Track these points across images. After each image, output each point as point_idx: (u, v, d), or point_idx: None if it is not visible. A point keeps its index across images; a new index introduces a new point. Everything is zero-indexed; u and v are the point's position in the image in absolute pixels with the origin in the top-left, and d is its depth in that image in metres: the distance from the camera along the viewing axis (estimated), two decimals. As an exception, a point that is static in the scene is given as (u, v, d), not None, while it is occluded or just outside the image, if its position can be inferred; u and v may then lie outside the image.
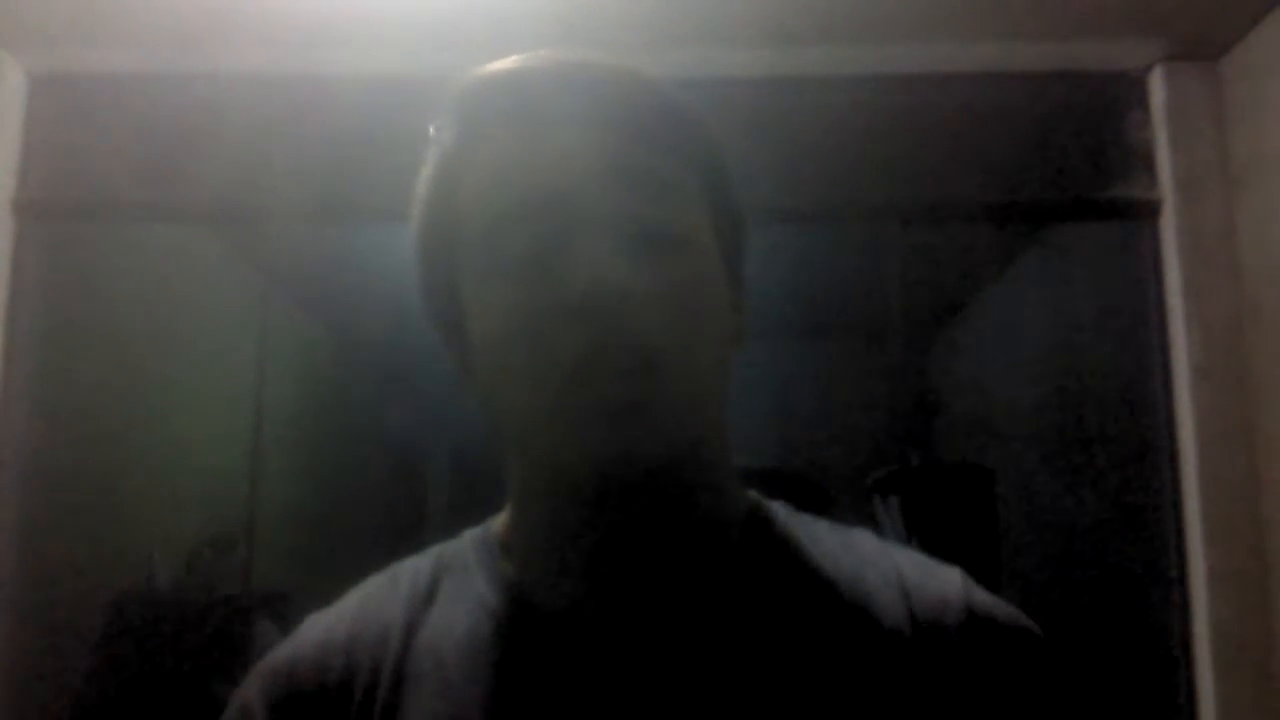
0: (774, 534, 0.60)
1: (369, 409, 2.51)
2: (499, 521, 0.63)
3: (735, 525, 0.60)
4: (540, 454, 0.55)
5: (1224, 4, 1.71)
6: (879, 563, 0.58)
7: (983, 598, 0.57)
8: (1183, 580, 1.77)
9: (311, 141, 1.92)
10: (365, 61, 1.85)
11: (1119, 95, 1.92)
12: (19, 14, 1.76)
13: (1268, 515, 1.71)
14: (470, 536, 0.63)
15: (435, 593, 0.59)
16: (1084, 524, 2.11)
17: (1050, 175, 1.93)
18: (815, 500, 0.65)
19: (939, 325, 2.58)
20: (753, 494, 0.63)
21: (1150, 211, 1.87)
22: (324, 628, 0.59)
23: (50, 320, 1.96)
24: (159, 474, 2.09)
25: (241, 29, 1.76)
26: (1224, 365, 1.77)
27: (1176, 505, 1.80)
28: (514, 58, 0.57)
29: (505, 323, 0.53)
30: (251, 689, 0.58)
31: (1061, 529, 2.18)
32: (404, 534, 2.51)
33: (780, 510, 0.63)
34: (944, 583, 0.58)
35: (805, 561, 0.58)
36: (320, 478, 2.51)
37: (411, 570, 0.62)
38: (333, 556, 2.35)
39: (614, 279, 0.50)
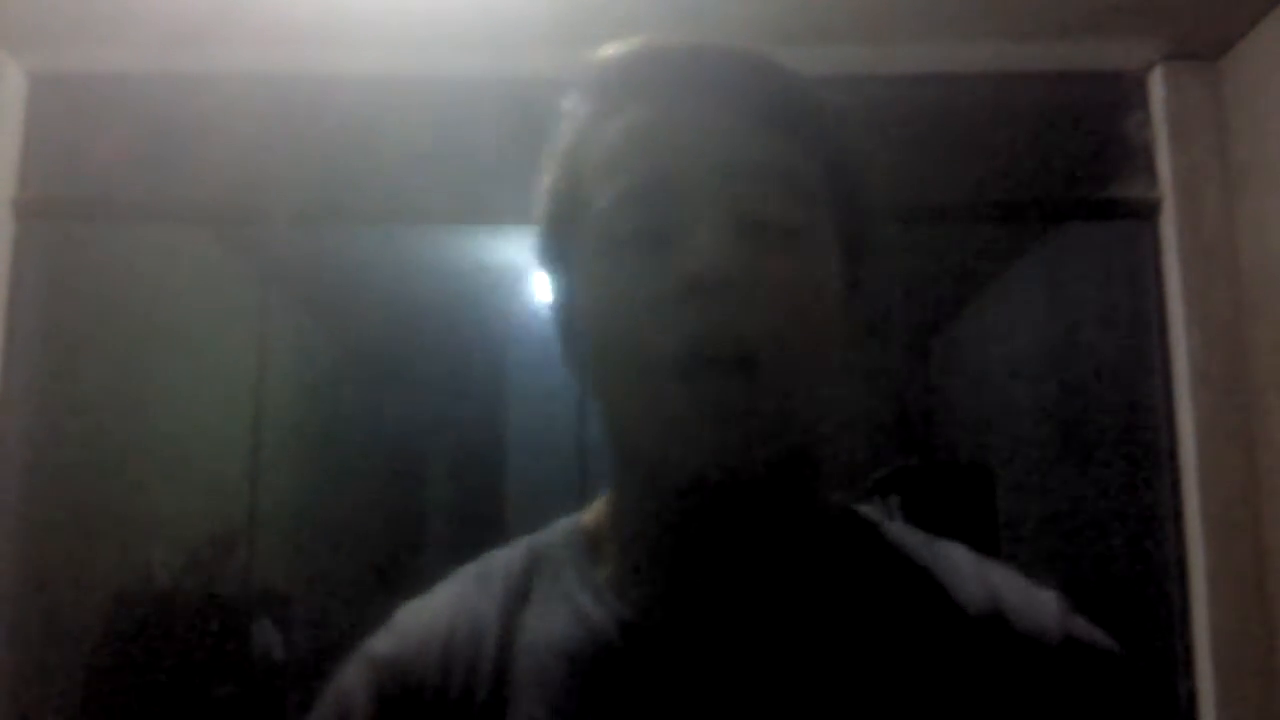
0: (877, 543, 0.59)
1: (369, 409, 2.51)
2: (590, 514, 0.62)
3: (835, 531, 0.58)
4: (638, 446, 0.55)
5: (1224, 4, 1.71)
6: (974, 579, 0.58)
7: (1081, 624, 0.57)
8: (1183, 580, 1.77)
9: (311, 141, 1.92)
10: (365, 61, 1.85)
11: (1119, 95, 1.92)
12: (19, 14, 1.76)
13: (1268, 515, 1.71)
14: (561, 530, 0.62)
15: (529, 591, 0.58)
16: (1084, 524, 2.11)
17: (1050, 175, 1.93)
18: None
19: (939, 325, 2.58)
20: (845, 497, 0.62)
21: (1150, 211, 1.87)
22: (423, 621, 0.58)
23: (50, 320, 1.96)
24: (159, 474, 2.09)
25: (241, 29, 1.76)
26: (1224, 366, 1.77)
27: (1176, 505, 1.80)
28: (648, 36, 0.58)
29: (613, 303, 0.53)
30: (352, 678, 0.57)
31: (1061, 529, 2.18)
32: (404, 534, 2.51)
33: (876, 515, 0.61)
34: (1042, 605, 0.57)
35: (907, 572, 0.57)
36: (320, 478, 2.51)
37: (503, 565, 0.60)
38: (333, 556, 2.35)
39: (722, 267, 0.50)
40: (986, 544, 2.00)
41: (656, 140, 0.54)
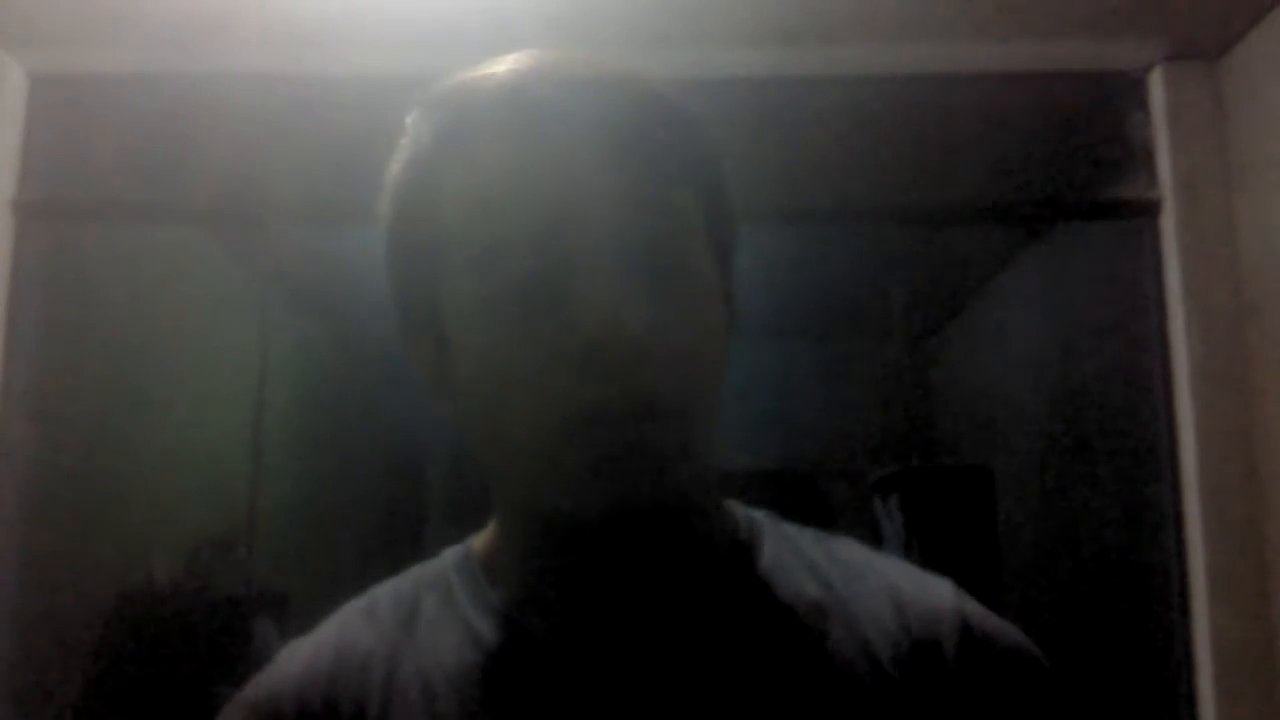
0: (760, 558, 0.59)
1: (369, 409, 2.51)
2: (480, 540, 0.62)
3: (721, 548, 0.59)
4: (531, 495, 0.54)
5: (1224, 4, 1.71)
6: (869, 576, 0.58)
7: (975, 609, 0.57)
8: (1183, 582, 1.77)
9: (311, 141, 1.92)
10: (365, 61, 1.85)
11: (1119, 95, 1.92)
12: (19, 14, 1.76)
13: (1268, 515, 1.71)
14: (452, 556, 0.61)
15: (416, 616, 0.58)
16: (1084, 525, 2.11)
17: (1050, 175, 1.93)
18: (815, 501, 0.64)
19: (939, 325, 2.58)
20: (737, 507, 0.62)
21: (1150, 211, 1.87)
22: (304, 659, 0.57)
23: (50, 320, 1.95)
24: (159, 474, 2.09)
25: (241, 29, 1.76)
26: (1224, 365, 1.77)
27: (1176, 506, 1.80)
28: (509, 58, 0.54)
29: (501, 361, 0.51)
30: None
31: (1061, 530, 2.18)
32: (404, 534, 2.51)
33: (766, 524, 0.61)
34: (937, 596, 0.57)
35: (792, 583, 0.57)
36: (320, 478, 2.51)
37: (391, 594, 0.60)
38: (333, 556, 2.35)
39: (620, 327, 0.48)
40: (986, 545, 2.00)
41: (528, 181, 0.51)
